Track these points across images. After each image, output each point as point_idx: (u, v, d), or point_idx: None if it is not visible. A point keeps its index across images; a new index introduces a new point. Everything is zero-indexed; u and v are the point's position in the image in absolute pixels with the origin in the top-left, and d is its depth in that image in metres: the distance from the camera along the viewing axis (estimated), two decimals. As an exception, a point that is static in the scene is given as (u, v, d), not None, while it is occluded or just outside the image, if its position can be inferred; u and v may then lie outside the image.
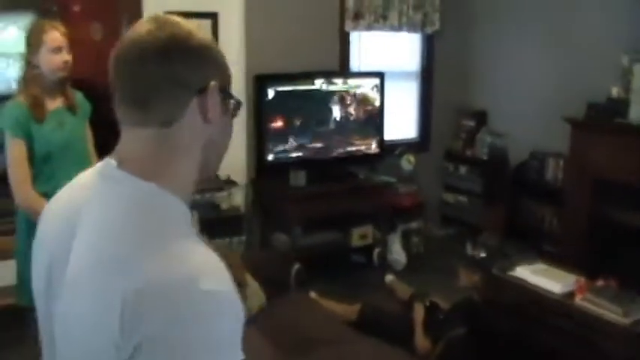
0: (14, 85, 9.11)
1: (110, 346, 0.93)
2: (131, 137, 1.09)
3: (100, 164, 1.12)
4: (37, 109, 2.84)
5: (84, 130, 3.08)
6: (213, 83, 1.09)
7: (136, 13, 4.53)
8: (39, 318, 1.16)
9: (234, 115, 1.17)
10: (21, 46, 2.99)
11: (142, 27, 1.09)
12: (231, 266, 2.85)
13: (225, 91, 1.13)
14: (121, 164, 1.07)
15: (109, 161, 1.09)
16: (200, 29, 1.13)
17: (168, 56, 1.06)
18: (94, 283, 0.98)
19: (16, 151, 2.80)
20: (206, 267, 0.98)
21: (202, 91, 1.08)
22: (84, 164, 1.10)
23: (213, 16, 4.71)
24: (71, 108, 2.99)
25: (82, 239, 1.04)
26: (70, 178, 1.18)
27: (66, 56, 2.89)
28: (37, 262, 1.15)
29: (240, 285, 3.18)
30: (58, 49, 2.86)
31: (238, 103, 1.17)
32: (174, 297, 0.93)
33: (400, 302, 4.37)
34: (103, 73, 1.19)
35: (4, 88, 9.88)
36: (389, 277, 4.77)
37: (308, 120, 4.80)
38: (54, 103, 2.93)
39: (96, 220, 1.04)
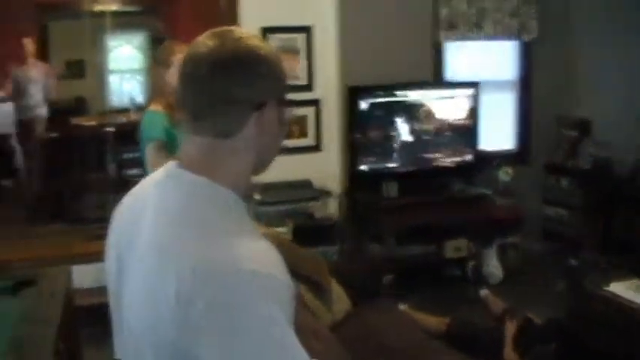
0: (126, 99, 9.57)
1: (168, 321, 1.02)
2: (191, 142, 1.18)
3: (165, 165, 1.22)
4: (173, 115, 3.22)
5: None
6: (272, 100, 1.15)
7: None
8: (110, 296, 1.27)
9: (287, 117, 1.23)
10: (134, 63, 3.34)
11: (205, 42, 1.15)
12: (316, 270, 2.88)
13: (282, 102, 1.19)
14: (180, 164, 1.17)
15: (172, 162, 1.19)
16: (262, 43, 1.18)
17: (226, 75, 1.12)
18: (151, 267, 1.08)
19: (158, 158, 3.11)
20: (248, 249, 1.05)
21: (260, 107, 1.14)
22: None
23: (307, 30, 4.82)
24: None
25: (145, 226, 1.14)
26: None
27: None
28: (109, 253, 1.26)
29: (325, 289, 3.21)
30: None
31: (290, 106, 1.23)
32: (218, 275, 1.01)
33: (493, 317, 4.28)
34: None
35: (118, 102, 10.47)
36: (483, 292, 4.66)
37: (401, 131, 4.80)
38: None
39: (156, 209, 1.15)
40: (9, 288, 2.91)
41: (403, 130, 4.81)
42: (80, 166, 6.96)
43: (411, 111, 4.83)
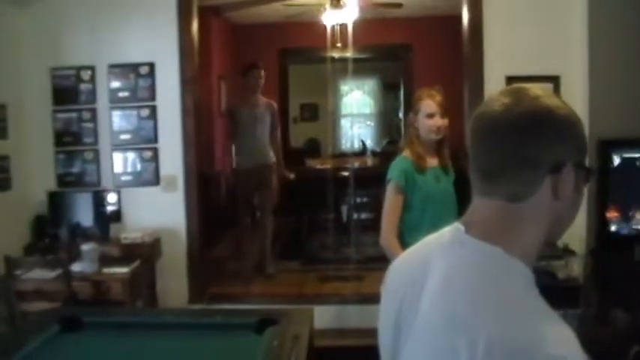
0: (356, 144, 9.84)
1: None
2: (479, 205, 1.12)
3: (449, 228, 1.17)
4: (419, 162, 3.29)
5: (453, 190, 3.40)
6: (569, 164, 1.07)
7: (478, 77, 4.62)
8: (383, 357, 1.24)
9: (585, 185, 1.13)
10: (365, 108, 3.43)
11: (499, 99, 1.10)
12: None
13: (579, 166, 1.09)
14: (468, 229, 1.11)
15: (458, 225, 1.14)
16: (560, 102, 1.11)
17: (521, 135, 1.06)
18: (438, 338, 1.03)
19: (394, 199, 3.26)
20: (553, 332, 0.96)
21: (556, 170, 1.06)
22: (450, 221, 1.16)
23: (554, 80, 4.61)
24: (445, 167, 3.39)
25: (428, 295, 1.10)
26: (436, 230, 1.24)
27: (439, 121, 3.30)
28: (385, 312, 1.23)
29: None
30: (431, 115, 3.30)
31: (590, 173, 1.12)
32: (521, 357, 0.92)
33: None
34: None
35: (349, 145, 10.80)
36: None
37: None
38: (432, 161, 3.35)
39: (442, 278, 1.09)
40: (254, 325, 3.01)
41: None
42: (314, 206, 7.19)
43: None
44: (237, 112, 6.13)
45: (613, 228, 4.37)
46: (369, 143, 10.15)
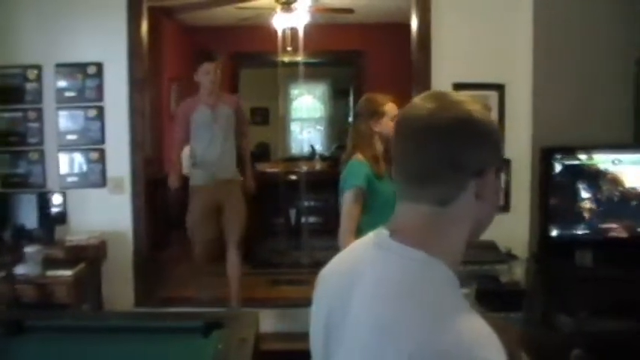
0: (306, 148, 9.80)
1: None
2: (405, 210, 1.14)
3: (373, 233, 1.19)
4: (378, 167, 3.33)
5: None
6: (491, 167, 1.12)
7: (426, 84, 4.68)
8: None
9: (501, 189, 1.19)
10: (315, 113, 3.43)
11: (422, 104, 1.13)
12: (507, 340, 2.74)
13: (499, 170, 1.15)
14: (393, 233, 1.13)
15: (382, 231, 1.16)
16: (481, 108, 1.14)
17: (449, 140, 1.09)
18: (368, 344, 1.04)
19: (356, 204, 3.26)
20: (478, 336, 0.99)
21: (480, 174, 1.10)
22: None
23: (499, 88, 4.71)
24: (388, 170, 3.37)
25: (356, 302, 1.11)
26: None
27: None
28: (316, 319, 1.24)
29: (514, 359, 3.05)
30: (395, 117, 3.29)
31: (500, 170, 1.17)
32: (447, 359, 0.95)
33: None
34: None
35: (298, 149, 10.77)
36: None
37: (598, 196, 4.50)
38: (383, 165, 3.38)
39: (370, 284, 1.11)
40: (200, 328, 3.00)
41: (600, 196, 4.50)
42: (264, 210, 7.17)
43: (609, 176, 4.50)
44: (190, 116, 4.99)
45: (554, 233, 4.47)
46: (318, 148, 10.19)
